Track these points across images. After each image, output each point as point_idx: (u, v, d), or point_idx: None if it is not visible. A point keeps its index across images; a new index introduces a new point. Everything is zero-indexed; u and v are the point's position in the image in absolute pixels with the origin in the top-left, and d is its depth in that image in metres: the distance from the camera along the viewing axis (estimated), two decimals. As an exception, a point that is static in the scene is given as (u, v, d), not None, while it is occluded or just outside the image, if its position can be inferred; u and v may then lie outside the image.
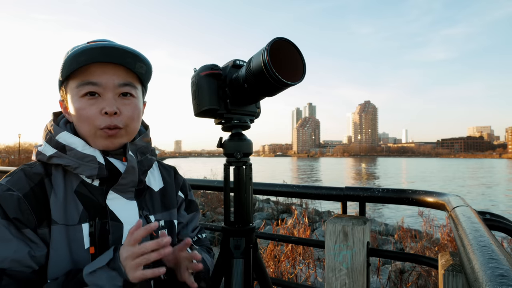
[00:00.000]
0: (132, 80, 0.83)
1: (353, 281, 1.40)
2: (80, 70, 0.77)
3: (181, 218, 1.00)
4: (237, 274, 1.02)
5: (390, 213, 11.99)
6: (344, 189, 1.60)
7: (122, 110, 0.80)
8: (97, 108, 0.78)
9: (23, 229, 0.72)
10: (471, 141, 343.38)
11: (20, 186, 0.74)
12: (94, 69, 0.77)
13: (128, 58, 0.79)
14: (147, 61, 0.83)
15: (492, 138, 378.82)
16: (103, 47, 0.76)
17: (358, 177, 40.88)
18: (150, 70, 0.86)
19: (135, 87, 0.84)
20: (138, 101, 0.85)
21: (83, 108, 0.78)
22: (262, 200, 11.83)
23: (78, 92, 0.78)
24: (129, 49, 0.79)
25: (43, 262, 0.73)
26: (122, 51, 0.77)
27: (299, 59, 0.87)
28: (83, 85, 0.77)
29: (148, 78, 0.88)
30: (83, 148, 0.79)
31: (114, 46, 0.77)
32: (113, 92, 0.79)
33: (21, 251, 0.70)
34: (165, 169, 1.02)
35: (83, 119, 0.78)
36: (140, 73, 0.83)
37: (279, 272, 3.28)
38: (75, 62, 0.75)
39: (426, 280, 3.15)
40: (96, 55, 0.76)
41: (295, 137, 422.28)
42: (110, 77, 0.79)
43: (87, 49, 0.75)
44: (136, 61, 0.80)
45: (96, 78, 0.78)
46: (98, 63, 0.77)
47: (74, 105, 0.79)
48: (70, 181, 0.79)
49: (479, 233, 0.71)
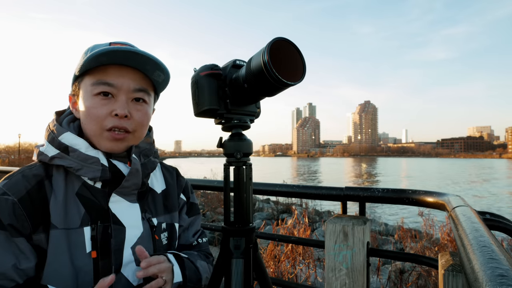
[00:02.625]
0: (147, 86, 0.83)
1: (353, 281, 1.40)
2: (98, 68, 0.77)
3: (182, 221, 0.99)
4: (237, 274, 1.02)
5: (390, 213, 11.98)
6: (344, 189, 1.60)
7: (133, 115, 0.80)
8: (108, 109, 0.78)
9: (15, 237, 0.70)
10: (471, 141, 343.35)
11: (16, 190, 0.72)
12: (112, 70, 0.78)
13: (148, 65, 0.79)
14: (167, 71, 0.83)
15: (492, 138, 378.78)
16: (126, 51, 0.76)
17: (358, 177, 40.88)
18: (168, 80, 0.86)
19: (149, 94, 0.84)
20: (149, 108, 0.85)
21: (94, 107, 0.78)
22: (262, 200, 11.83)
23: (92, 90, 0.78)
24: (151, 57, 0.78)
25: (31, 275, 0.71)
26: (145, 58, 0.77)
27: (299, 59, 0.87)
28: (98, 84, 0.77)
29: (163, 88, 0.88)
30: (87, 149, 0.78)
31: (137, 52, 0.77)
32: (127, 95, 0.79)
33: (5, 264, 0.68)
34: (168, 171, 1.02)
35: (92, 117, 0.78)
36: (157, 81, 0.84)
37: (279, 272, 3.28)
38: (95, 60, 0.75)
39: (426, 280, 3.15)
40: (118, 57, 0.76)
41: (295, 137, 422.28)
42: (126, 80, 0.79)
43: (110, 52, 0.75)
44: (155, 69, 0.81)
45: (112, 79, 0.77)
46: (117, 65, 0.77)
47: (85, 102, 0.79)
48: (72, 183, 0.78)
49: (479, 233, 0.71)
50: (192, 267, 0.89)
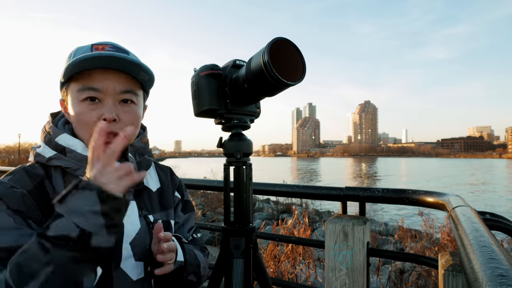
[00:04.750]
0: (134, 87, 0.83)
1: (353, 281, 1.40)
2: (82, 73, 0.77)
3: (178, 218, 1.01)
4: (237, 274, 1.02)
5: (390, 213, 11.98)
6: (344, 189, 1.60)
7: (121, 117, 0.80)
8: (96, 114, 0.78)
9: (28, 220, 0.71)
10: (471, 141, 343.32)
11: (24, 183, 0.74)
12: (96, 74, 0.78)
13: (133, 67, 0.80)
14: (150, 72, 0.83)
15: (492, 138, 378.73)
16: (108, 56, 0.76)
17: (358, 177, 40.87)
18: (153, 79, 0.87)
19: (136, 94, 0.84)
20: (139, 108, 0.86)
21: (82, 113, 0.78)
22: (262, 200, 11.83)
23: (79, 96, 0.78)
24: (134, 60, 0.78)
25: None
26: (127, 62, 0.78)
27: (299, 59, 0.87)
28: (84, 89, 0.77)
29: (150, 86, 0.88)
30: (83, 150, 0.79)
31: (119, 57, 0.77)
32: (114, 98, 0.79)
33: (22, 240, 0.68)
34: (162, 170, 1.03)
35: (82, 123, 0.79)
36: (143, 80, 0.84)
37: (279, 272, 3.28)
38: (78, 66, 0.75)
39: (426, 280, 3.15)
40: (101, 61, 0.76)
41: (295, 137, 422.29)
42: (112, 83, 0.79)
43: (90, 58, 0.75)
44: (140, 70, 0.81)
45: (97, 83, 0.77)
46: (101, 68, 0.77)
47: (74, 109, 0.79)
48: (69, 182, 0.78)
49: (479, 233, 0.71)
50: (191, 253, 0.92)
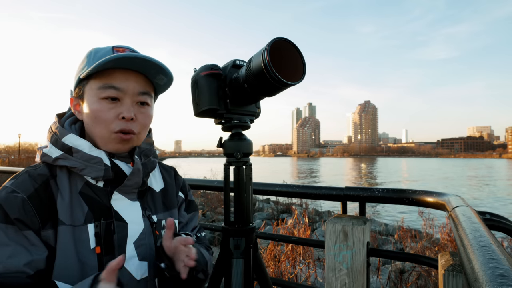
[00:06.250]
0: (150, 89, 0.86)
1: (353, 281, 1.40)
2: (103, 72, 0.80)
3: (181, 218, 1.02)
4: (237, 274, 1.02)
5: (390, 213, 11.98)
6: (344, 189, 1.60)
7: (138, 117, 0.84)
8: (115, 113, 0.81)
9: (24, 230, 0.71)
10: (471, 141, 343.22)
11: (25, 187, 0.74)
12: (117, 74, 0.80)
13: (152, 70, 0.83)
14: (171, 75, 0.86)
15: (492, 138, 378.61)
16: (132, 57, 0.79)
17: (358, 177, 40.89)
18: (170, 83, 0.90)
19: (151, 96, 0.87)
20: (152, 110, 0.89)
21: (101, 111, 0.80)
22: (262, 200, 11.84)
23: (99, 93, 0.80)
24: (158, 62, 0.81)
25: (41, 267, 0.72)
26: (150, 62, 0.80)
27: (299, 59, 0.87)
28: (105, 88, 0.80)
29: (164, 90, 0.92)
30: (90, 150, 0.80)
31: (143, 58, 0.79)
32: (132, 99, 0.82)
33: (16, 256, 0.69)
34: (166, 170, 1.04)
35: (99, 121, 0.81)
36: (158, 84, 0.88)
37: (279, 272, 3.28)
38: (103, 66, 0.77)
39: (426, 280, 3.15)
40: (124, 62, 0.79)
41: (295, 137, 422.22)
42: (132, 84, 0.82)
43: (115, 59, 0.77)
44: (158, 73, 0.84)
45: (119, 83, 0.80)
46: (122, 69, 0.80)
47: (91, 106, 0.81)
48: (75, 182, 0.81)
49: (479, 233, 0.71)
50: (198, 251, 0.92)
